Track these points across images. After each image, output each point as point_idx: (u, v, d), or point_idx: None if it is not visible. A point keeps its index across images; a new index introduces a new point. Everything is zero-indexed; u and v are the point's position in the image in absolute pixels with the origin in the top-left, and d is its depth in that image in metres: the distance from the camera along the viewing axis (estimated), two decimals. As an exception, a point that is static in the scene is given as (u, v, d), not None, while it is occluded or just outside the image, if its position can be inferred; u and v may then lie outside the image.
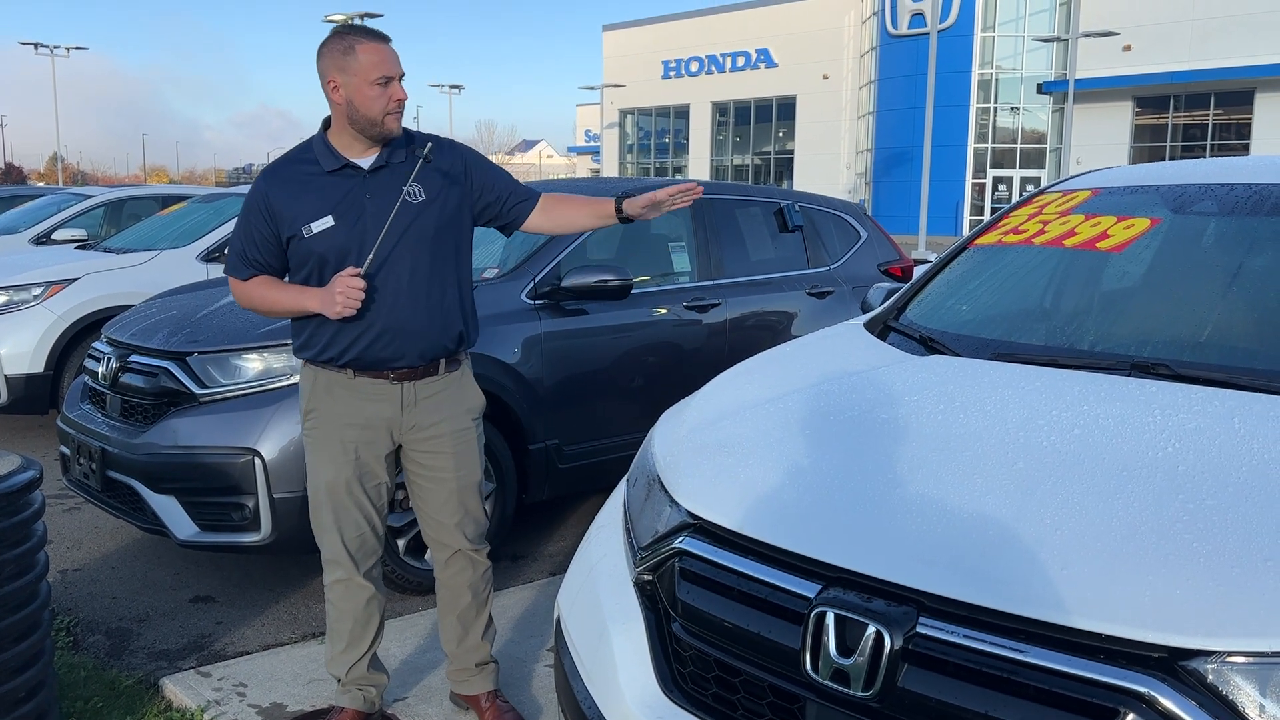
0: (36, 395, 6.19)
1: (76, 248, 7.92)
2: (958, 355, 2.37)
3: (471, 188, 2.72)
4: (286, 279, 2.67)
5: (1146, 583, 1.41)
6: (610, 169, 54.98)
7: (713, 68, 48.87)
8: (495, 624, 2.99)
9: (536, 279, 4.29)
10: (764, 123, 48.14)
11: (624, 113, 54.01)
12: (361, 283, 2.48)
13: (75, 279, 6.46)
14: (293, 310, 2.62)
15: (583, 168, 70.71)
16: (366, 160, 2.60)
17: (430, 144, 2.64)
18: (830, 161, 44.49)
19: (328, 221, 2.54)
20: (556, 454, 4.32)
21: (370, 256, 2.51)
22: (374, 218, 2.54)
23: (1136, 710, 1.33)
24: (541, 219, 2.81)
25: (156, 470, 3.66)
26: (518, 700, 3.05)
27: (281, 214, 2.57)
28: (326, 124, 2.63)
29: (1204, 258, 2.62)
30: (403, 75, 2.57)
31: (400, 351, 2.62)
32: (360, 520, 2.72)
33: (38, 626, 2.51)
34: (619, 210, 2.74)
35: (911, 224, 27.57)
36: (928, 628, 1.49)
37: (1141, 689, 1.33)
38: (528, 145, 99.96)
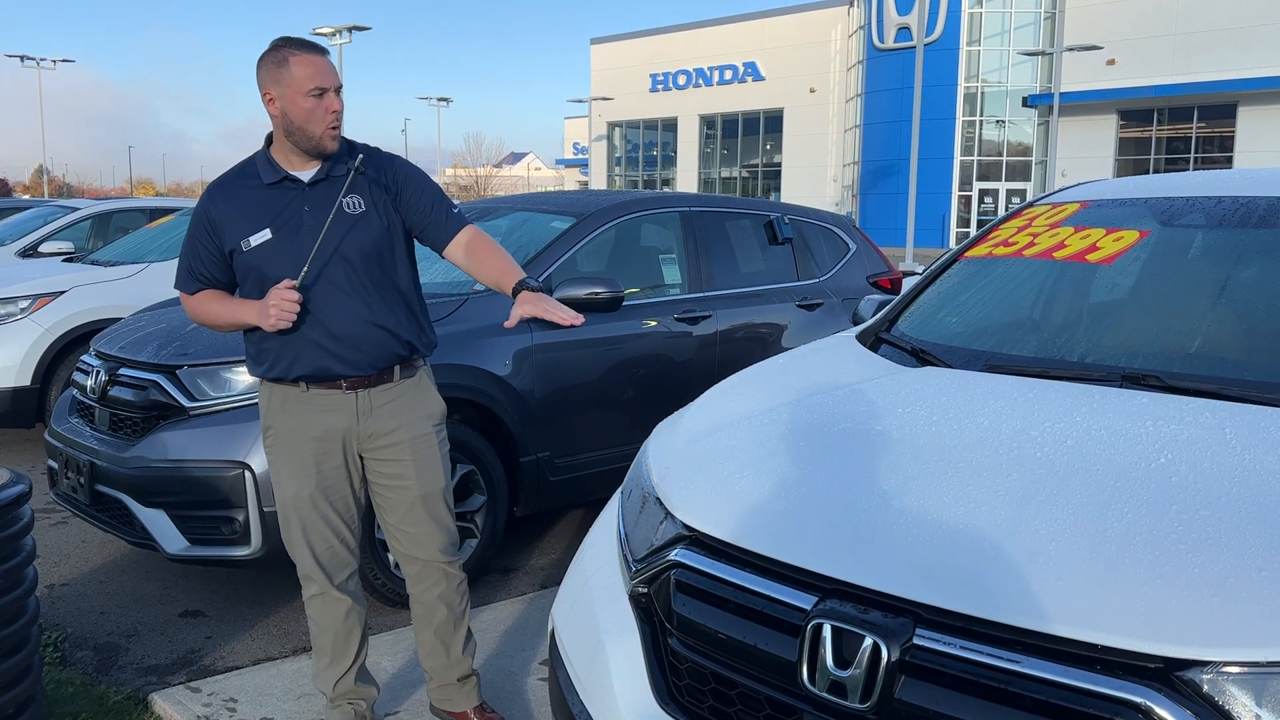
0: (23, 409, 6.15)
1: (64, 260, 7.88)
2: (950, 367, 2.38)
3: (401, 204, 2.68)
4: (237, 293, 2.67)
5: (1141, 593, 1.42)
6: (598, 181, 55.08)
7: (700, 80, 49.08)
8: (475, 637, 2.97)
9: (527, 291, 4.28)
10: (751, 135, 48.35)
11: (612, 125, 54.14)
12: (295, 295, 2.47)
13: (62, 292, 6.43)
14: (232, 323, 2.62)
15: (571, 180, 70.81)
16: (306, 173, 2.59)
17: (361, 155, 2.61)
18: (817, 174, 44.69)
19: (265, 234, 2.55)
20: (548, 466, 4.31)
21: (305, 269, 2.50)
22: (311, 230, 2.53)
23: (1132, 720, 1.34)
24: (462, 256, 2.69)
25: (146, 484, 3.64)
26: (510, 715, 3.04)
27: (223, 228, 2.58)
28: (269, 140, 2.63)
29: (1193, 270, 2.64)
30: (339, 87, 2.55)
31: (348, 362, 2.60)
32: (328, 534, 2.71)
33: (26, 642, 2.49)
34: (514, 293, 2.59)
35: (898, 236, 27.70)
36: (924, 639, 1.49)
37: (1138, 699, 1.34)
38: (516, 158, 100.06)
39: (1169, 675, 1.35)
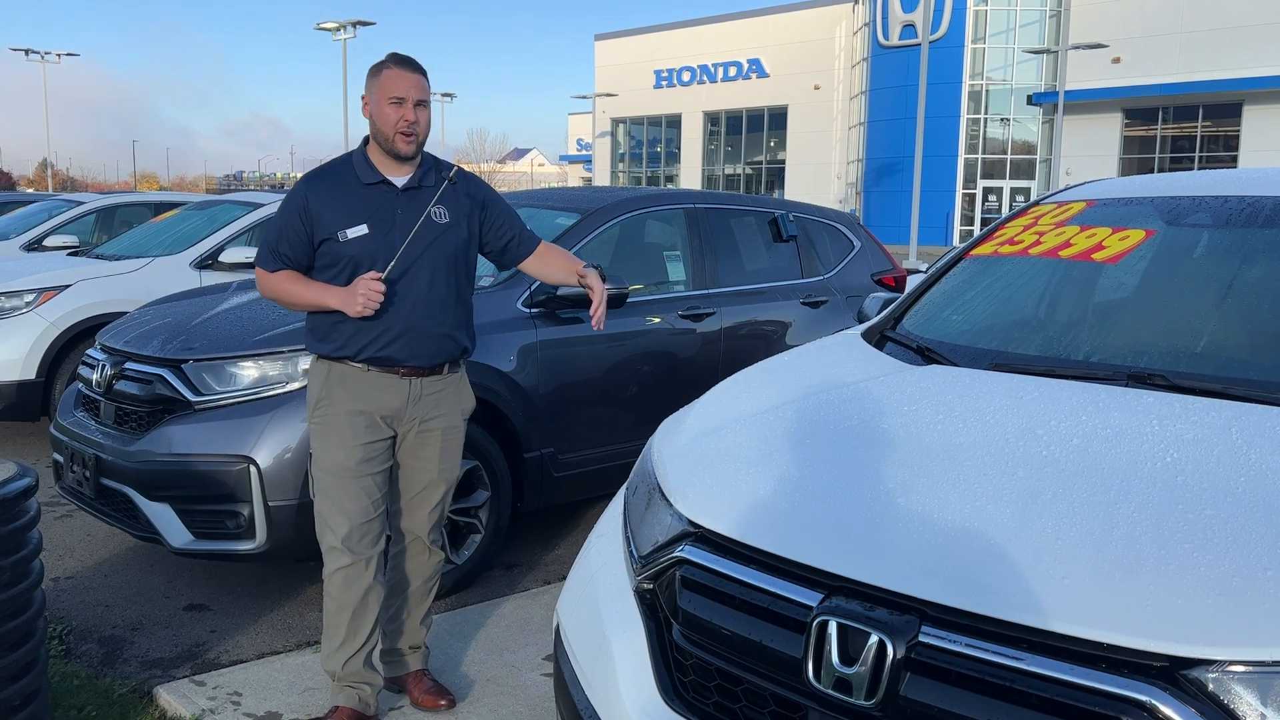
0: (28, 402, 6.16)
1: (69, 254, 7.89)
2: (955, 365, 2.38)
3: (486, 221, 3.01)
4: (318, 277, 2.86)
5: (1147, 592, 1.42)
6: (602, 178, 55.05)
7: (705, 77, 49.04)
8: (434, 619, 3.21)
9: (532, 287, 4.29)
10: (755, 132, 48.31)
11: (616, 122, 54.11)
12: (382, 286, 2.71)
13: (67, 286, 6.43)
14: (314, 305, 2.82)
15: (574, 176, 70.79)
16: (400, 179, 2.86)
17: (455, 169, 2.93)
18: (821, 171, 44.66)
19: (362, 229, 2.78)
20: (551, 462, 4.32)
21: (393, 264, 2.74)
22: (402, 231, 2.79)
23: (1137, 718, 1.34)
24: (535, 263, 3.11)
25: (151, 478, 3.65)
26: (512, 709, 3.05)
27: (318, 218, 2.79)
28: (365, 142, 2.89)
29: (1198, 269, 2.64)
30: (420, 103, 2.80)
31: (412, 353, 2.84)
32: (367, 504, 2.85)
33: (32, 634, 2.49)
34: (581, 277, 3.02)
35: (902, 234, 27.68)
36: (930, 637, 1.50)
37: (1143, 697, 1.34)
38: (519, 154, 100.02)
39: (1174, 674, 1.35)
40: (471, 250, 2.98)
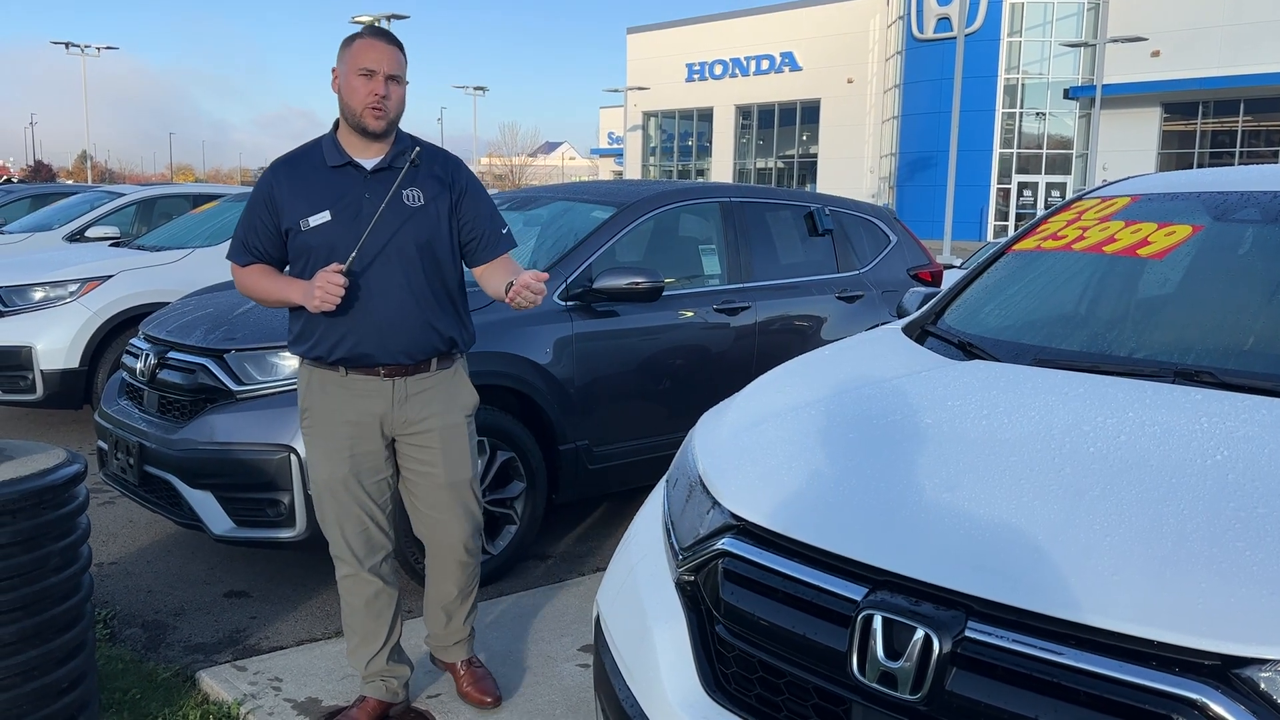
0: (71, 390, 6.26)
1: (110, 245, 8.01)
2: (998, 360, 2.36)
3: (457, 212, 2.75)
4: (286, 270, 2.73)
5: (1199, 589, 1.41)
6: (633, 171, 55.04)
7: (736, 70, 48.87)
8: (478, 609, 3.09)
9: (569, 280, 4.31)
10: (787, 126, 48.08)
11: (647, 115, 54.06)
12: (341, 279, 2.50)
13: (110, 276, 6.53)
14: (277, 300, 2.68)
15: (605, 170, 70.82)
16: (370, 161, 2.66)
17: (418, 149, 2.67)
18: (854, 165, 44.39)
19: (324, 216, 2.60)
20: (586, 454, 4.33)
21: (354, 254, 2.54)
22: (369, 217, 2.58)
23: (1188, 717, 1.33)
24: (481, 272, 2.79)
25: (193, 466, 3.70)
26: (548, 699, 3.07)
27: (283, 206, 2.64)
28: (337, 124, 2.70)
29: (1247, 265, 2.60)
30: (392, 77, 2.60)
31: (388, 349, 2.65)
32: (362, 516, 2.76)
33: (80, 618, 2.54)
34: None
35: (936, 229, 27.45)
36: (977, 632, 1.49)
37: (1194, 696, 1.33)
38: (550, 147, 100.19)
39: (1226, 673, 1.34)
40: (450, 234, 2.73)
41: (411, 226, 2.64)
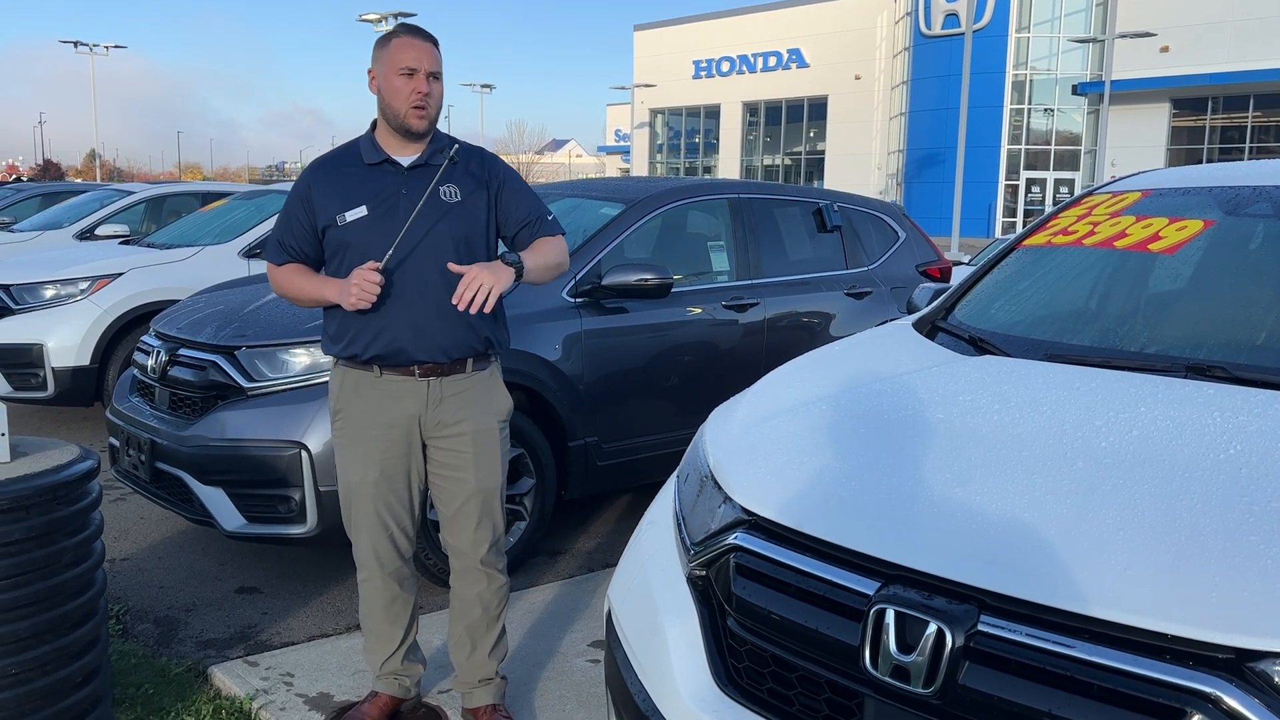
0: (82, 388, 6.29)
1: (120, 243, 8.04)
2: (1009, 355, 2.36)
3: (500, 204, 2.73)
4: (323, 271, 2.71)
5: (1212, 583, 1.41)
6: (640, 168, 55.03)
7: (744, 67, 48.83)
8: (507, 640, 2.96)
9: (577, 277, 4.31)
10: (795, 123, 48.03)
11: (654, 112, 54.04)
12: (377, 276, 2.49)
13: (120, 274, 6.56)
14: (314, 299, 2.66)
15: (612, 167, 70.82)
16: (406, 158, 2.64)
17: (456, 145, 2.66)
18: (861, 162, 44.32)
19: (361, 211, 2.59)
20: (595, 451, 4.34)
21: (391, 249, 2.51)
22: (406, 213, 2.56)
23: (1202, 710, 1.33)
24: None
25: (205, 462, 3.72)
26: (558, 694, 3.08)
27: (319, 204, 2.62)
28: (374, 125, 2.69)
29: (1259, 259, 2.59)
30: (433, 74, 2.59)
31: (423, 347, 2.62)
32: (388, 520, 2.73)
33: (94, 614, 2.56)
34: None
35: (944, 225, 27.41)
36: (989, 626, 1.49)
37: (1208, 689, 1.33)
38: (558, 145, 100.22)
39: (1240, 666, 1.34)
40: (489, 231, 2.71)
41: (448, 222, 2.62)
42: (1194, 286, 2.65)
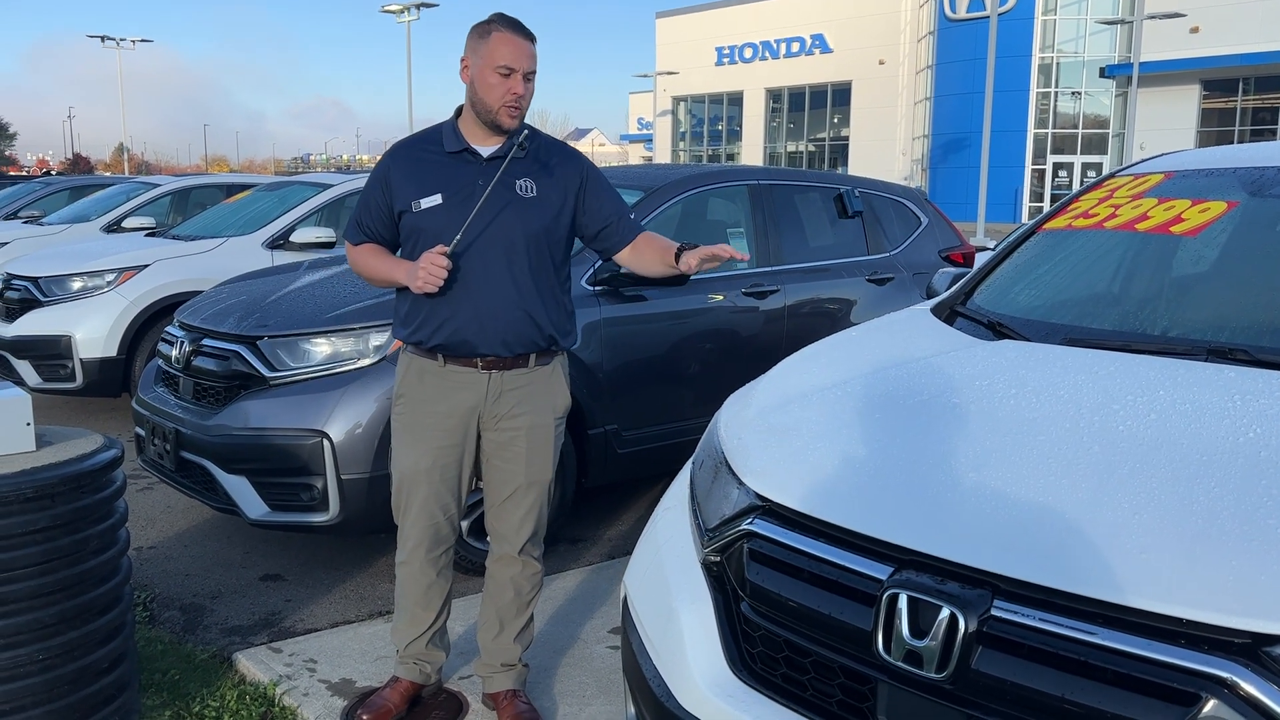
0: (110, 378, 6.36)
1: (146, 235, 8.11)
2: (1027, 340, 2.34)
3: (581, 203, 2.74)
4: (399, 253, 2.73)
5: (1229, 568, 1.39)
6: (663, 156, 54.90)
7: (767, 54, 48.55)
8: (533, 629, 2.98)
9: (596, 265, 4.31)
10: (818, 109, 47.75)
11: (677, 100, 53.87)
12: (445, 261, 2.49)
13: (146, 265, 6.62)
14: (384, 279, 2.70)
15: (635, 155, 70.69)
16: (487, 149, 2.65)
17: (525, 133, 2.64)
18: (886, 148, 44.02)
19: (436, 199, 2.60)
20: (615, 439, 4.35)
21: (458, 236, 2.52)
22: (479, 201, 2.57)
23: (1218, 695, 1.32)
24: (629, 254, 2.78)
25: (228, 451, 3.76)
26: (578, 680, 3.09)
27: (396, 188, 2.64)
28: (459, 111, 2.70)
29: (1283, 242, 2.56)
30: (530, 73, 2.58)
31: (486, 339, 2.63)
32: (434, 508, 2.75)
33: (119, 600, 2.59)
34: (677, 259, 2.62)
35: (969, 211, 27.18)
36: (1003, 611, 1.48)
37: (1224, 674, 1.32)
38: (580, 133, 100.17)
39: (1256, 650, 1.33)
40: (562, 228, 2.70)
41: (520, 215, 2.61)
42: (1217, 269, 2.62)
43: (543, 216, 2.65)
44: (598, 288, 4.30)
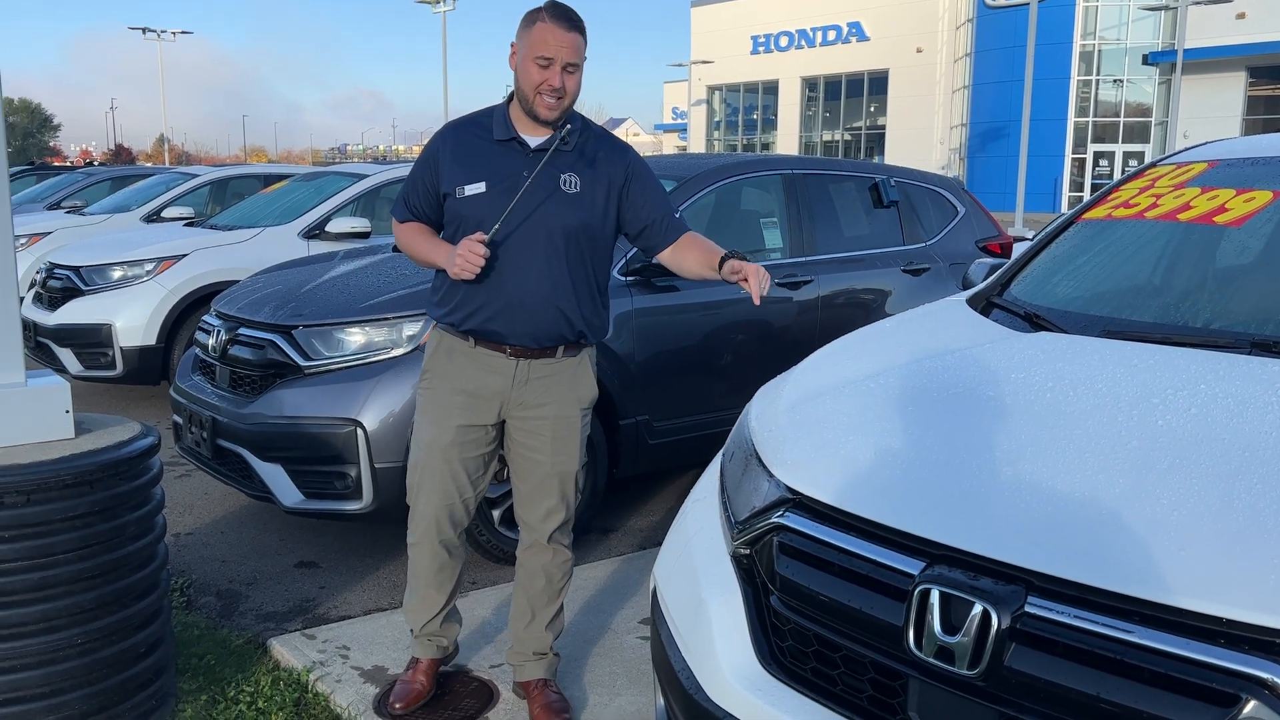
0: (149, 366, 6.46)
1: (185, 225, 8.21)
2: (1065, 332, 2.30)
3: (624, 200, 2.71)
4: (443, 235, 2.73)
5: (1270, 566, 1.36)
6: (697, 146, 54.72)
7: (802, 42, 48.20)
8: (564, 618, 2.98)
9: (628, 255, 4.30)
10: (855, 98, 47.35)
11: (712, 89, 53.64)
12: (482, 249, 2.48)
13: (184, 255, 6.71)
14: (424, 260, 2.70)
15: (669, 145, 70.52)
16: (535, 139, 2.63)
17: (568, 127, 2.60)
18: (923, 137, 43.57)
19: (480, 187, 2.59)
20: (646, 430, 4.34)
21: (497, 225, 2.51)
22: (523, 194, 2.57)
23: (1258, 696, 1.29)
24: (670, 254, 2.74)
25: (263, 439, 3.79)
26: (609, 670, 3.09)
27: (444, 171, 2.64)
28: (511, 96, 2.68)
29: (1331, 232, 2.50)
30: (570, 65, 2.53)
31: (517, 329, 2.63)
32: (450, 488, 2.74)
33: (156, 586, 2.63)
34: (720, 266, 2.57)
35: (1008, 200, 26.85)
36: (1037, 607, 1.46)
37: (1264, 674, 1.29)
38: (615, 123, 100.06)
39: (1298, 651, 1.30)
40: (604, 224, 2.68)
41: (561, 209, 2.60)
42: (1262, 260, 2.56)
43: (583, 213, 2.63)
44: (630, 278, 4.29)
